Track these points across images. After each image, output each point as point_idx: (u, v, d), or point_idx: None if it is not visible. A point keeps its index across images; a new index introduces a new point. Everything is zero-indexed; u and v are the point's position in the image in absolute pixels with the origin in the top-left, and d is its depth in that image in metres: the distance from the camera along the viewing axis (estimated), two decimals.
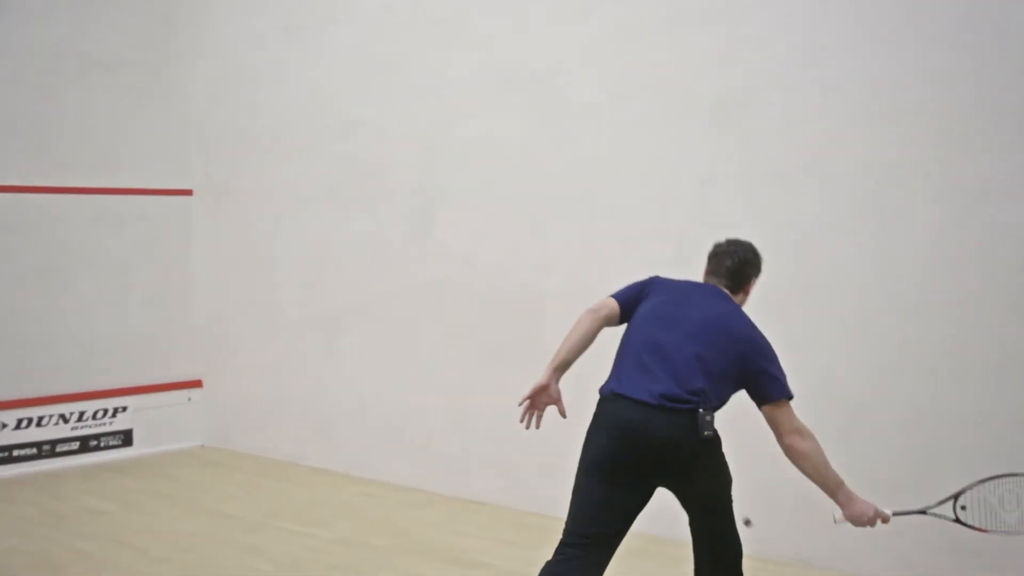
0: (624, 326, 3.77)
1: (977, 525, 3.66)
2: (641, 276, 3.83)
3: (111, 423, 7.73)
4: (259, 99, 7.67)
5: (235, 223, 7.88)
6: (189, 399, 8.15)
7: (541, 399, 3.68)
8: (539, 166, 6.02)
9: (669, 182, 5.47)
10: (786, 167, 5.09)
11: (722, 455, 3.64)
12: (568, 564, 3.49)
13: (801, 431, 3.52)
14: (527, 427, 3.71)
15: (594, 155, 5.77)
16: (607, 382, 3.61)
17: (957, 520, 3.66)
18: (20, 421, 7.28)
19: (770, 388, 3.52)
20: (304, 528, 5.80)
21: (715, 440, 3.54)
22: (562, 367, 3.67)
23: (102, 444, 7.68)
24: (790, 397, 3.54)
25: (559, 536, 3.58)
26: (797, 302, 5.07)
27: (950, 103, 4.61)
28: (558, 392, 3.68)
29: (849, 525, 3.60)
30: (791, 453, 3.52)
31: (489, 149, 6.28)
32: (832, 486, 3.55)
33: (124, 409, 7.80)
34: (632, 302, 3.73)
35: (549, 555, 3.55)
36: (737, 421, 3.83)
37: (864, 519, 3.55)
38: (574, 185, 5.77)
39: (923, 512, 3.68)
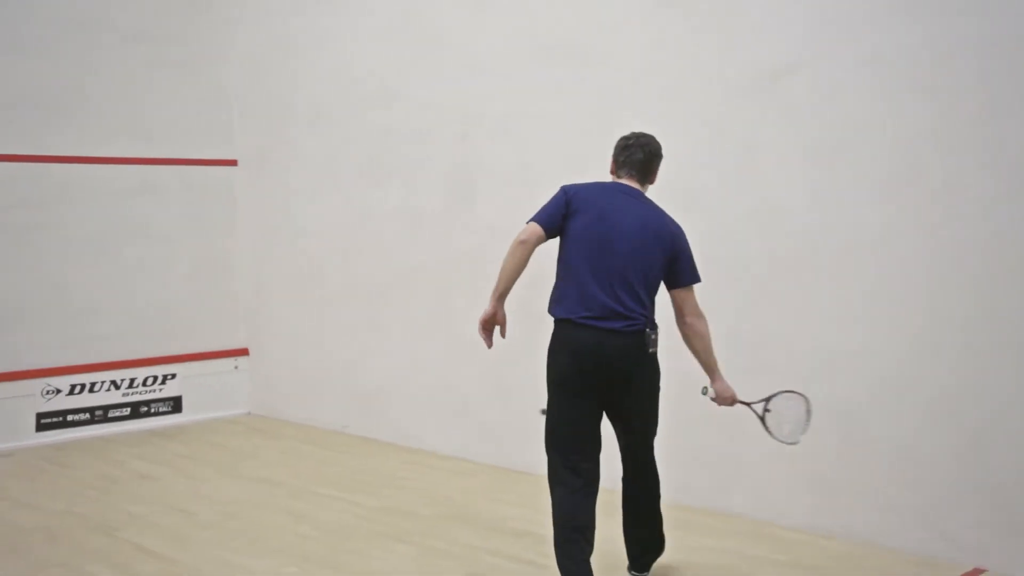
0: (556, 240, 4.15)
1: (769, 429, 4.24)
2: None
3: (161, 390, 7.91)
4: (297, 69, 7.70)
5: (276, 193, 7.95)
6: (236, 367, 8.30)
7: (490, 324, 4.20)
8: (577, 136, 5.99)
9: (712, 151, 5.42)
10: (828, 137, 5.02)
11: (659, 375, 4.16)
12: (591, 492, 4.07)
13: (700, 314, 4.12)
14: (489, 347, 4.27)
15: (633, 125, 5.71)
16: (560, 305, 4.10)
17: (761, 419, 4.23)
18: (73, 387, 7.47)
19: (685, 274, 4.09)
20: (349, 495, 5.90)
21: (656, 357, 4.07)
22: (504, 295, 4.16)
23: (152, 410, 7.86)
24: (698, 281, 4.12)
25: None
26: (836, 271, 5.02)
27: (993, 72, 4.50)
28: (503, 317, 4.20)
29: (711, 396, 4.23)
30: (690, 331, 4.12)
31: (527, 120, 6.25)
32: (712, 364, 4.18)
33: (173, 376, 7.96)
34: (557, 220, 4.11)
35: None
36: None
37: (727, 397, 4.21)
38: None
39: (745, 403, 4.22)
